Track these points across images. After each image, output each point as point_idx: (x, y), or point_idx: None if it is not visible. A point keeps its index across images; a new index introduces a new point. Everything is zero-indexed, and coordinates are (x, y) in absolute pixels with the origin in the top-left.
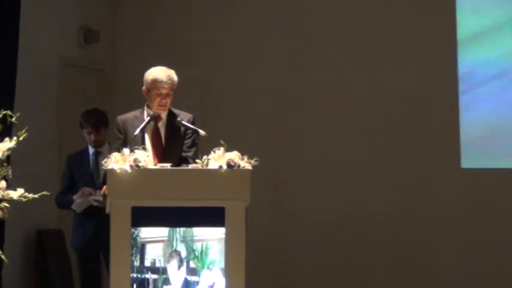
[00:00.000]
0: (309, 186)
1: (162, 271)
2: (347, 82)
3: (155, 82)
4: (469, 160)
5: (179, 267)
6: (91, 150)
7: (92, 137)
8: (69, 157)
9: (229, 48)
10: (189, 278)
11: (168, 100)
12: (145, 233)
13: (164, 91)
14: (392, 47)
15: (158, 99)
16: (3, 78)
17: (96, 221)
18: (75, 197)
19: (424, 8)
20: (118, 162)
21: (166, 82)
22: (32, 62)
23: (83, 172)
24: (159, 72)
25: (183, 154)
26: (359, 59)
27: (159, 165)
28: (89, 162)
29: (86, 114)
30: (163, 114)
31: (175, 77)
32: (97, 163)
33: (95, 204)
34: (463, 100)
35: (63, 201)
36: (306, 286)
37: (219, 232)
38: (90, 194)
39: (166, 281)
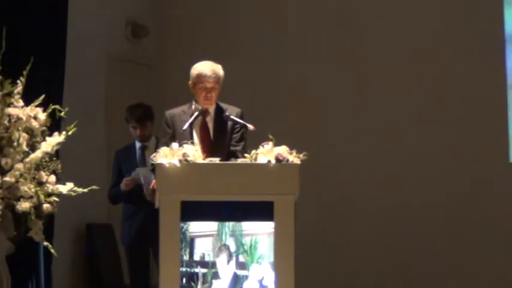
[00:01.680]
0: (358, 179)
1: (212, 265)
2: (395, 77)
3: (200, 76)
4: None
5: (228, 261)
6: (138, 144)
7: (138, 131)
8: (117, 152)
9: (278, 42)
10: (239, 272)
11: (214, 94)
12: (195, 227)
13: (209, 85)
14: (440, 42)
15: (204, 94)
16: (52, 73)
17: (144, 215)
18: (121, 185)
19: (472, 3)
20: (167, 156)
21: (210, 76)
22: (80, 57)
23: (130, 166)
24: (203, 67)
25: (232, 148)
26: (407, 56)
27: (208, 160)
28: (135, 156)
29: (131, 109)
30: (211, 109)
31: (220, 72)
32: (143, 157)
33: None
34: None
35: (113, 194)
36: (355, 278)
37: (268, 226)
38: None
39: (216, 275)
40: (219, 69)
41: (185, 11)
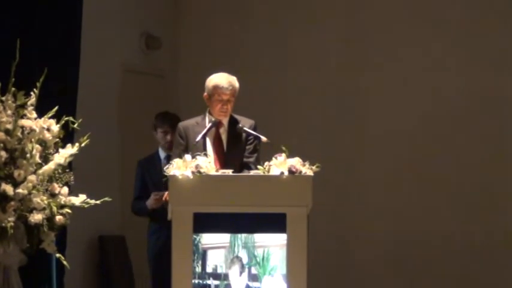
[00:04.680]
0: (371, 192)
1: (224, 277)
2: (412, 91)
3: (216, 88)
4: None
5: (241, 273)
6: (162, 154)
7: (169, 137)
8: (140, 162)
9: (292, 55)
10: (251, 284)
11: (229, 106)
12: (207, 239)
13: (225, 97)
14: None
15: (219, 106)
16: (65, 84)
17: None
18: (147, 202)
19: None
20: (180, 168)
21: (227, 88)
22: (93, 69)
23: (155, 176)
24: (220, 79)
25: (245, 160)
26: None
27: (221, 172)
28: (160, 166)
29: (161, 115)
30: (225, 121)
31: (236, 84)
32: None
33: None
34: None
35: (137, 208)
36: None
37: (281, 238)
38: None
39: (228, 287)
40: (235, 81)
41: (198, 23)
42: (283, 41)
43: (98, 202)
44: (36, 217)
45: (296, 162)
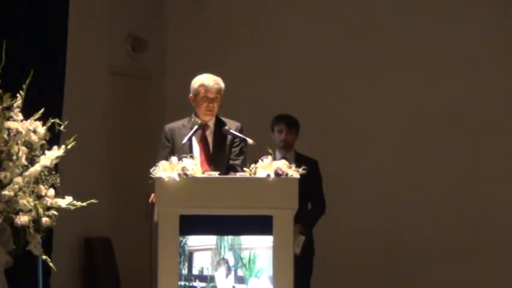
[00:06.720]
0: (361, 194)
1: (210, 279)
2: (402, 90)
3: (202, 87)
4: None
5: (227, 275)
6: (278, 155)
7: (283, 135)
8: None
9: (280, 57)
10: (237, 286)
11: (216, 105)
12: (193, 241)
13: (211, 95)
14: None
15: (205, 104)
16: (51, 87)
17: None
18: None
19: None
20: (166, 170)
21: (213, 86)
22: (80, 71)
23: None
24: (205, 78)
25: (231, 162)
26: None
27: (207, 174)
28: None
29: (277, 116)
30: (211, 123)
31: (222, 83)
32: None
33: None
34: None
35: None
36: None
37: (267, 240)
38: None
39: None
40: (220, 81)
41: (185, 25)
42: (270, 43)
43: (84, 204)
44: (23, 219)
45: (282, 164)
